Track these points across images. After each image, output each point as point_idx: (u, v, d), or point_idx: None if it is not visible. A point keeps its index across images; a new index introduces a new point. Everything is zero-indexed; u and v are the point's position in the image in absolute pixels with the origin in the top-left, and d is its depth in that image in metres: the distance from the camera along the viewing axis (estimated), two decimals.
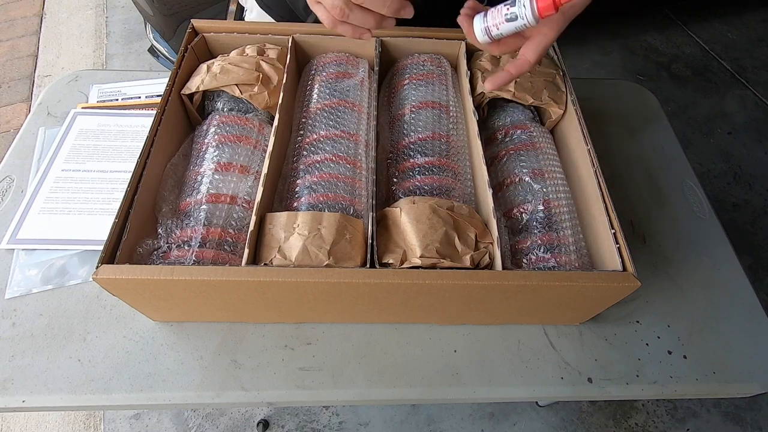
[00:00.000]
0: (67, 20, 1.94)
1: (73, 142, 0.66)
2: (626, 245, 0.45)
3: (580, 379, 0.52)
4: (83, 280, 0.55)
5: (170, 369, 0.50)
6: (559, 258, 0.49)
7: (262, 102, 0.57)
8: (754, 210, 1.51)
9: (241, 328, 0.53)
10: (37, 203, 0.60)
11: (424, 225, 0.45)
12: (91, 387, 0.48)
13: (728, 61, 1.94)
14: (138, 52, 1.82)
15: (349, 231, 0.45)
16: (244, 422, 1.06)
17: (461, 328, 0.54)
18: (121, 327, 0.52)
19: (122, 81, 0.75)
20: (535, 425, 1.09)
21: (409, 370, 0.51)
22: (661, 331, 0.55)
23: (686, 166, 0.71)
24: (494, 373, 0.52)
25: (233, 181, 0.52)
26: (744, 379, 0.53)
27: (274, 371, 0.50)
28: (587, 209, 0.52)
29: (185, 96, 0.57)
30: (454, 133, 0.58)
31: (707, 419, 1.13)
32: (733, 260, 0.61)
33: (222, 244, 0.48)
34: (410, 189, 0.53)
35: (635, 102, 0.80)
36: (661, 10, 2.12)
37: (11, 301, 0.53)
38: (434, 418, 1.08)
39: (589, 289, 0.44)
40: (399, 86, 0.62)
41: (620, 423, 1.11)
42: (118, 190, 0.62)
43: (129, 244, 0.45)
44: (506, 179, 0.56)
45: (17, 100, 1.65)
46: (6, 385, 0.48)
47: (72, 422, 1.05)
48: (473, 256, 0.45)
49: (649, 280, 0.59)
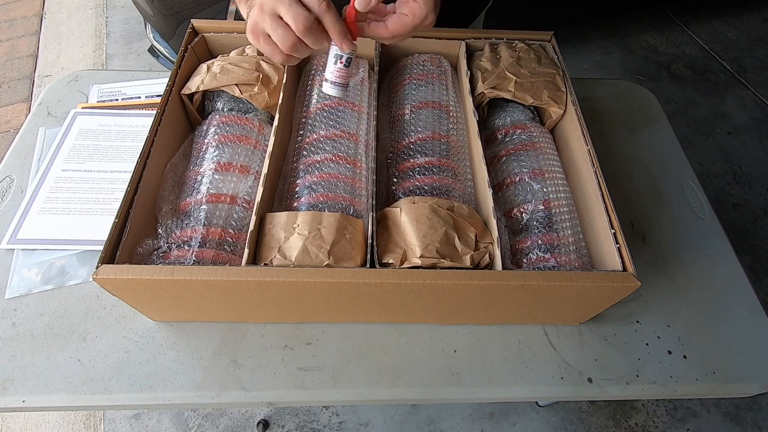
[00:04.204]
0: (67, 20, 1.94)
1: (73, 142, 0.66)
2: (626, 245, 0.45)
3: (580, 379, 0.52)
4: (83, 280, 0.55)
5: (170, 369, 0.50)
6: (559, 258, 0.49)
7: (262, 102, 0.57)
8: (754, 210, 1.51)
9: (241, 328, 0.53)
10: (37, 203, 0.60)
11: (424, 225, 0.45)
12: (91, 387, 0.48)
13: (728, 61, 1.94)
14: (138, 52, 1.82)
15: (349, 231, 0.45)
16: (244, 422, 1.06)
17: (461, 328, 0.54)
18: (121, 327, 0.52)
19: (122, 81, 0.75)
20: (535, 425, 1.09)
21: (409, 370, 0.51)
22: (661, 331, 0.55)
23: (686, 166, 0.71)
24: (494, 373, 0.52)
25: (233, 181, 0.52)
26: (744, 379, 0.53)
27: (274, 371, 0.50)
28: (587, 209, 0.52)
29: (185, 96, 0.57)
30: (454, 133, 0.58)
31: (707, 419, 1.13)
32: (733, 260, 0.61)
33: (222, 244, 0.48)
34: (410, 189, 0.53)
35: (635, 102, 0.80)
36: (661, 10, 2.12)
37: (11, 301, 0.53)
38: (434, 418, 1.08)
39: (589, 289, 0.44)
40: (399, 86, 0.62)
41: (620, 423, 1.11)
42: (118, 190, 0.62)
43: (129, 244, 0.45)
44: (506, 179, 0.56)
45: (17, 100, 1.65)
46: (6, 385, 0.48)
47: (72, 422, 1.05)
48: (473, 256, 0.45)
49: (649, 280, 0.59)
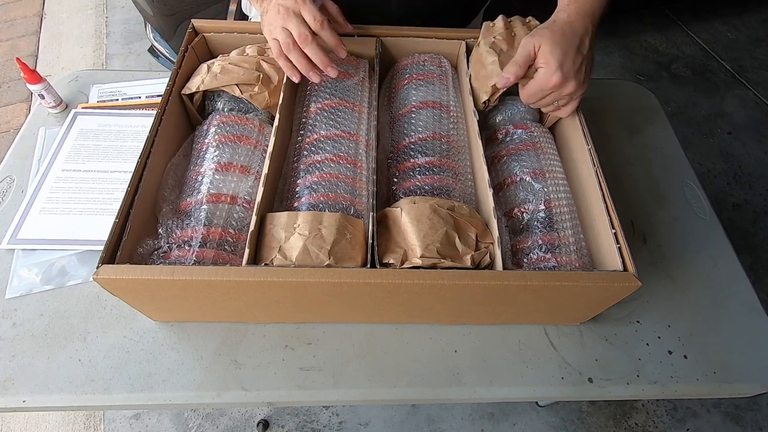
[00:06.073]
0: (67, 20, 1.93)
1: (74, 142, 0.66)
2: (627, 245, 0.45)
3: (581, 379, 0.52)
4: (83, 280, 0.55)
5: (170, 369, 0.50)
6: (560, 258, 0.49)
7: (263, 102, 0.57)
8: (754, 210, 1.51)
9: (241, 328, 0.53)
10: (37, 203, 0.60)
11: (425, 225, 0.45)
12: (91, 387, 0.48)
13: (728, 61, 1.94)
14: (138, 52, 1.82)
15: (350, 231, 0.45)
16: (244, 422, 1.06)
17: (462, 328, 0.54)
18: (122, 327, 0.52)
19: (122, 81, 0.75)
20: (535, 425, 1.09)
21: (409, 370, 0.51)
22: (661, 331, 0.55)
23: (686, 166, 0.71)
24: (494, 373, 0.52)
25: (234, 181, 0.52)
26: (744, 379, 0.53)
27: (274, 371, 0.50)
28: (588, 209, 0.52)
29: (185, 96, 0.57)
30: (455, 133, 0.58)
31: (707, 419, 1.13)
32: (733, 260, 0.61)
33: (222, 244, 0.48)
34: (411, 189, 0.53)
35: (635, 102, 0.80)
36: (661, 10, 2.12)
37: (11, 301, 0.53)
38: (434, 418, 1.08)
39: (589, 289, 0.44)
40: (399, 86, 0.62)
41: (620, 423, 1.11)
42: (119, 190, 0.62)
43: (129, 244, 0.44)
44: (507, 179, 0.56)
45: (17, 100, 1.65)
46: (6, 385, 0.48)
47: (72, 422, 1.05)
48: (474, 256, 0.45)
49: (649, 280, 0.59)
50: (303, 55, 0.53)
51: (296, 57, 0.53)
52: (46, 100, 0.69)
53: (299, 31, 0.51)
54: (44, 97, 0.68)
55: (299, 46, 0.52)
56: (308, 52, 0.52)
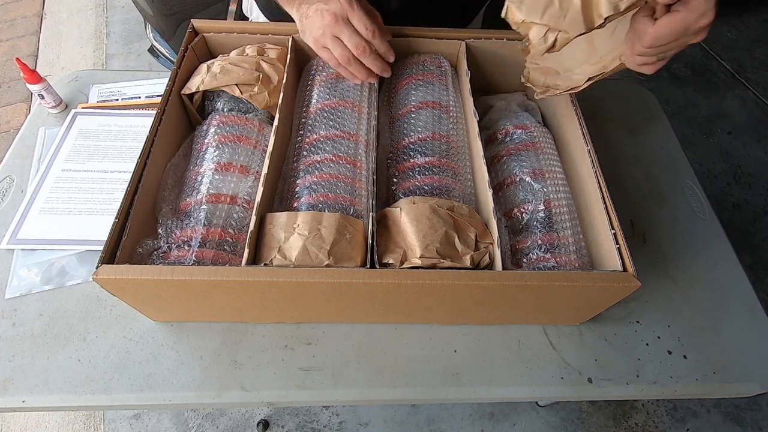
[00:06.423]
0: (67, 20, 1.93)
1: (73, 142, 0.66)
2: (626, 245, 0.45)
3: (580, 379, 0.52)
4: (83, 280, 0.55)
5: (170, 369, 0.50)
6: (559, 258, 0.49)
7: (263, 102, 0.57)
8: (754, 210, 1.52)
9: (241, 328, 0.53)
10: (37, 203, 0.60)
11: (424, 225, 0.45)
12: (91, 387, 0.48)
13: (728, 61, 1.94)
14: (138, 52, 1.82)
15: (349, 231, 0.45)
16: (244, 422, 1.06)
17: (461, 328, 0.54)
18: (121, 327, 0.52)
19: (122, 81, 0.75)
20: (535, 425, 1.09)
21: (409, 370, 0.51)
22: (661, 331, 0.55)
23: (686, 166, 0.71)
24: (494, 373, 0.52)
25: (233, 181, 0.52)
26: (744, 379, 0.53)
27: (274, 371, 0.50)
28: (587, 209, 0.52)
29: (185, 96, 0.57)
30: (454, 133, 0.58)
31: (707, 419, 1.13)
32: (733, 260, 0.61)
33: (222, 244, 0.48)
34: (410, 189, 0.53)
35: (635, 102, 0.80)
36: None
37: (11, 301, 0.53)
38: (434, 418, 1.08)
39: (589, 289, 0.44)
40: (399, 86, 0.62)
41: (620, 423, 1.11)
42: (118, 190, 0.62)
43: (129, 244, 0.44)
44: (506, 179, 0.56)
45: (17, 100, 1.65)
46: (6, 385, 0.48)
47: (72, 422, 1.05)
48: (473, 257, 0.45)
49: (649, 280, 0.59)
50: (362, 66, 0.55)
51: (356, 69, 0.55)
52: (46, 100, 0.69)
53: (355, 43, 0.52)
54: (44, 97, 0.68)
55: (358, 58, 0.54)
56: (366, 62, 0.54)
